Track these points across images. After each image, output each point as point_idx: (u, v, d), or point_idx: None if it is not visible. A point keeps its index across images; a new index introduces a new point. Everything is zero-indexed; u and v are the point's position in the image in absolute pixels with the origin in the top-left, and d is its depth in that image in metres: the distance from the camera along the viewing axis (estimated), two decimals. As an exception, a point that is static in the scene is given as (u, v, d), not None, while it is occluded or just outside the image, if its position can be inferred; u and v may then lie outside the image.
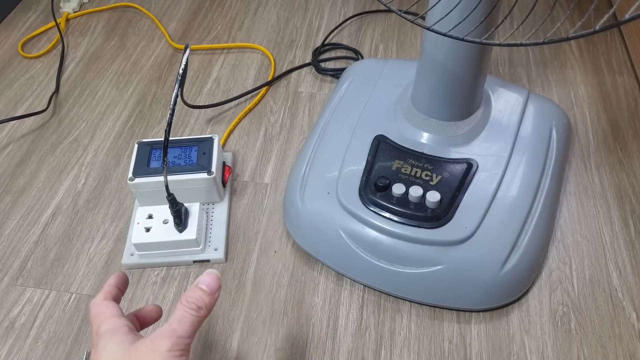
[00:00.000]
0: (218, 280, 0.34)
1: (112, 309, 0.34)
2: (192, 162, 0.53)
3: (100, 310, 0.34)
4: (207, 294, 0.33)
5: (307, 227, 0.51)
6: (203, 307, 0.33)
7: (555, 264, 0.51)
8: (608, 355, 0.45)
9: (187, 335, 0.31)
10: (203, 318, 0.33)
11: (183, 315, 0.32)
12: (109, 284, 0.37)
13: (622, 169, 0.58)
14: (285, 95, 0.69)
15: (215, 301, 0.34)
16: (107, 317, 0.33)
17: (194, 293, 0.33)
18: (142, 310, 0.39)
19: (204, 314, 0.33)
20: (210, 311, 0.33)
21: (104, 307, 0.34)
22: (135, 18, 0.83)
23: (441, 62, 0.47)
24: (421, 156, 0.50)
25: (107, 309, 0.34)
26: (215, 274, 0.34)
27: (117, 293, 0.37)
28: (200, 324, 0.33)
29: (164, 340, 0.30)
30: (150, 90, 0.71)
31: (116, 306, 0.35)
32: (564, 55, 0.71)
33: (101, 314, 0.34)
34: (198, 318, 0.32)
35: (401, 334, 0.47)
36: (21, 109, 0.70)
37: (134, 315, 0.38)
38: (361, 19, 0.80)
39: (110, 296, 0.36)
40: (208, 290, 0.33)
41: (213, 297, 0.34)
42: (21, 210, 0.58)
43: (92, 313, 0.35)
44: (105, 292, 0.36)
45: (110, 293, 0.36)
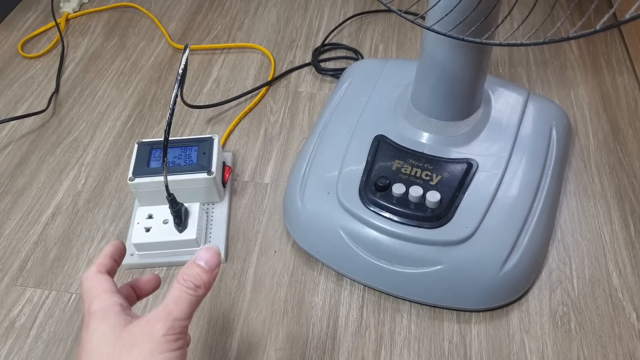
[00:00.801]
0: (218, 256, 0.31)
1: (105, 284, 0.31)
2: (192, 162, 0.53)
3: (93, 284, 0.31)
4: (205, 272, 0.30)
5: (307, 227, 0.51)
6: (201, 285, 0.30)
7: (555, 264, 0.51)
8: (608, 355, 0.45)
9: (184, 317, 0.29)
10: (201, 297, 0.30)
11: (179, 295, 0.29)
12: (104, 254, 0.34)
13: (622, 168, 0.58)
14: (285, 95, 0.69)
15: (214, 279, 0.31)
16: (99, 292, 0.31)
17: (191, 270, 0.30)
18: (139, 280, 0.36)
19: (202, 292, 0.30)
20: (208, 290, 0.30)
21: (97, 281, 0.31)
22: (135, 18, 0.83)
23: (441, 62, 0.47)
24: (421, 156, 0.50)
25: (100, 284, 0.31)
26: (214, 249, 0.31)
27: (113, 265, 0.34)
28: (198, 303, 0.30)
29: (159, 323, 0.28)
30: (150, 90, 0.71)
31: (110, 280, 0.32)
32: (564, 55, 0.71)
33: (93, 289, 0.31)
34: (196, 298, 0.30)
35: (401, 333, 0.47)
36: (21, 109, 0.70)
37: (130, 287, 0.35)
38: (361, 19, 0.80)
39: (104, 268, 0.33)
40: (207, 268, 0.30)
41: (212, 274, 0.31)
42: (21, 210, 0.58)
43: (84, 287, 0.32)
44: (99, 263, 0.33)
45: (104, 265, 0.33)
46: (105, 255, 0.34)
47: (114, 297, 0.31)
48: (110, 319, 0.29)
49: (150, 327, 0.28)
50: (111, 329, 0.29)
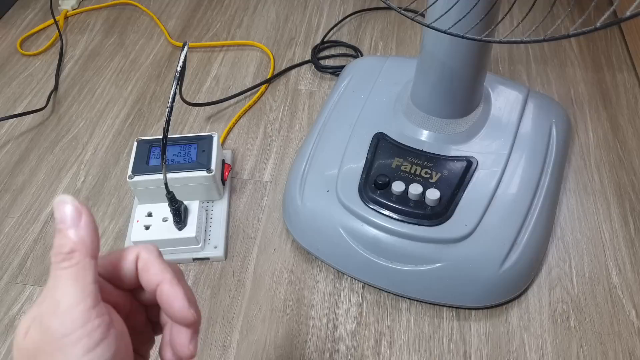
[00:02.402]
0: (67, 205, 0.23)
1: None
2: (191, 160, 0.53)
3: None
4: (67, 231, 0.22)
5: (307, 225, 0.51)
6: (74, 248, 0.22)
7: (554, 262, 0.51)
8: (607, 352, 0.45)
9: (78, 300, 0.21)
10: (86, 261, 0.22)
11: (55, 276, 0.22)
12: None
13: (621, 166, 0.58)
14: (285, 93, 0.69)
15: (89, 231, 0.23)
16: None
17: (55, 242, 0.23)
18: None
19: (80, 257, 0.22)
20: (91, 248, 0.22)
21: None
22: (134, 15, 0.83)
23: (441, 60, 0.47)
24: (421, 154, 0.50)
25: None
26: (61, 201, 0.23)
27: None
28: (89, 271, 0.22)
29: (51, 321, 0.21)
30: (149, 88, 0.71)
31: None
32: (563, 53, 0.71)
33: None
34: (77, 266, 0.22)
35: (401, 331, 0.47)
36: (20, 106, 0.70)
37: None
38: (361, 16, 0.80)
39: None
40: (66, 225, 0.22)
41: (79, 228, 0.22)
42: (20, 208, 0.58)
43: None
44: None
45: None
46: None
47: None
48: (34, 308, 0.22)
49: (44, 329, 0.21)
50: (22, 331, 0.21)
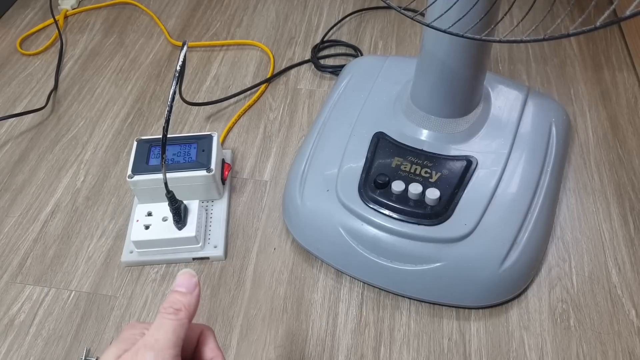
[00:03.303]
0: (192, 278, 0.32)
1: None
2: (191, 160, 0.53)
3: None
4: (183, 294, 0.31)
5: (307, 225, 0.51)
6: (182, 308, 0.30)
7: (554, 261, 0.51)
8: (607, 352, 0.45)
9: (171, 346, 0.28)
10: (185, 321, 0.30)
11: (161, 322, 0.29)
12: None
13: (621, 165, 0.58)
14: (285, 93, 0.69)
15: (196, 300, 0.32)
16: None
17: (170, 297, 0.31)
18: None
19: (184, 315, 0.30)
20: (192, 312, 0.31)
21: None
22: (134, 15, 0.83)
23: (441, 59, 0.47)
24: (421, 153, 0.50)
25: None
26: (188, 273, 0.32)
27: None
28: (184, 328, 0.30)
29: (148, 353, 0.28)
30: (149, 87, 0.71)
31: None
32: (563, 52, 0.71)
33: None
34: (179, 321, 0.30)
35: (400, 330, 0.47)
36: (20, 106, 0.70)
37: None
38: (360, 15, 0.80)
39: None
40: (184, 290, 0.31)
41: (191, 296, 0.31)
42: (20, 207, 0.58)
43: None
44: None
45: None
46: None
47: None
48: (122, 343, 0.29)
49: (140, 357, 0.28)
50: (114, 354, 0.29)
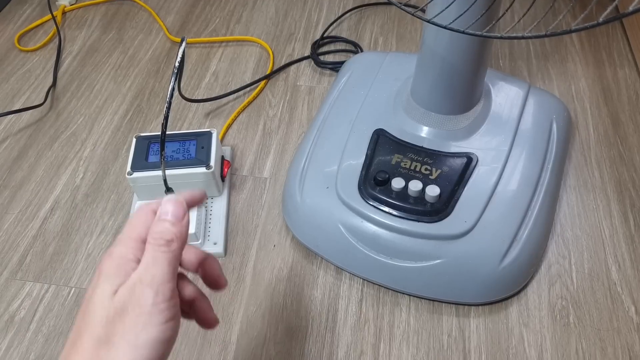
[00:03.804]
0: (182, 205, 0.29)
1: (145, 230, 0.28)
2: (190, 157, 0.53)
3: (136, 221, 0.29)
4: (173, 224, 0.28)
5: (306, 222, 0.50)
6: (173, 239, 0.28)
7: (554, 258, 0.51)
8: (606, 348, 0.45)
9: (168, 279, 0.27)
10: (178, 253, 0.28)
11: (156, 256, 0.27)
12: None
13: (622, 162, 0.58)
14: (284, 89, 0.69)
15: (186, 230, 0.29)
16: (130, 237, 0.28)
17: (159, 227, 0.28)
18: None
19: (176, 246, 0.28)
20: (182, 243, 0.28)
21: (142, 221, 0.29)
22: (133, 11, 0.82)
23: (441, 55, 0.46)
24: (421, 150, 0.50)
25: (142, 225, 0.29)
26: (176, 200, 0.29)
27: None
28: (177, 260, 0.28)
29: (146, 289, 0.26)
30: (148, 83, 0.71)
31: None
32: (565, 49, 0.71)
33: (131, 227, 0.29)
34: (172, 254, 0.27)
35: (400, 327, 0.47)
36: (18, 102, 0.70)
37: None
38: (360, 11, 0.79)
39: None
40: (173, 219, 0.28)
41: (181, 224, 0.29)
42: (19, 204, 0.58)
43: (131, 218, 0.30)
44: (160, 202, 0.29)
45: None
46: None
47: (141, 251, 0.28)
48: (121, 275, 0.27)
49: (137, 295, 0.26)
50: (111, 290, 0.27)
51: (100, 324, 0.26)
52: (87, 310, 0.27)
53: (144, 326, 0.25)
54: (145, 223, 0.29)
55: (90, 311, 0.26)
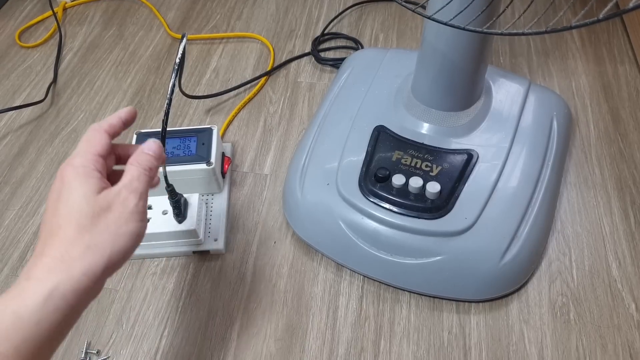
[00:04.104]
0: (161, 148, 0.37)
1: (102, 147, 0.34)
2: (191, 153, 0.53)
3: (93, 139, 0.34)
4: (154, 158, 0.36)
5: (307, 218, 0.50)
6: (153, 168, 0.35)
7: (555, 255, 0.51)
8: (607, 345, 0.45)
9: (145, 194, 0.34)
10: (152, 179, 0.35)
11: (139, 174, 0.34)
12: (118, 116, 0.36)
13: (622, 159, 0.58)
14: (285, 86, 0.69)
15: (159, 164, 0.36)
16: (92, 152, 0.34)
17: (143, 157, 0.35)
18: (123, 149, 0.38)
19: (153, 175, 0.35)
20: (155, 173, 0.36)
21: (98, 139, 0.34)
22: (133, 7, 0.82)
23: (442, 52, 0.46)
24: (421, 147, 0.50)
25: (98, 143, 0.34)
26: (158, 142, 0.37)
27: (119, 129, 0.36)
28: (149, 185, 0.35)
29: (131, 195, 0.33)
30: (148, 80, 0.71)
31: (108, 144, 0.35)
32: (565, 45, 0.71)
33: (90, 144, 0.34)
34: (149, 178, 0.35)
35: (400, 324, 0.47)
36: (19, 99, 0.70)
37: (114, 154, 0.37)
38: (361, 8, 0.79)
39: (111, 130, 0.36)
40: (154, 155, 0.36)
41: (158, 161, 0.36)
42: (20, 201, 0.58)
43: (86, 135, 0.35)
44: (110, 124, 0.36)
45: (113, 127, 0.36)
46: (119, 118, 0.36)
47: (99, 163, 0.34)
48: (91, 181, 0.32)
49: (123, 197, 0.32)
50: (91, 191, 0.32)
51: (86, 216, 0.31)
52: (64, 207, 0.31)
53: (126, 221, 0.32)
54: (101, 142, 0.34)
55: (69, 207, 0.31)
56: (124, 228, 0.32)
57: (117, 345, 0.47)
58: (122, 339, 0.47)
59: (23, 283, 0.29)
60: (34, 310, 0.28)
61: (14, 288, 0.29)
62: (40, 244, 0.31)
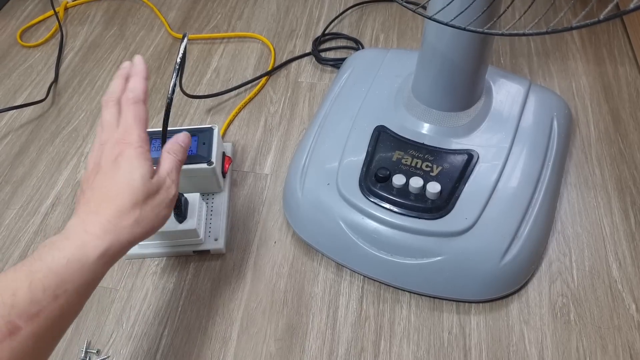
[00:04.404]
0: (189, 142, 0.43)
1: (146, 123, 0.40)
2: (191, 153, 0.53)
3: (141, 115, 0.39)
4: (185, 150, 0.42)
5: (307, 218, 0.50)
6: (183, 160, 0.41)
7: (555, 255, 0.51)
8: (607, 346, 0.45)
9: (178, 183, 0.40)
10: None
11: (176, 165, 0.40)
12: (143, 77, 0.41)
13: (623, 160, 0.58)
14: (285, 85, 0.69)
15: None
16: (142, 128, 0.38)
17: (177, 148, 0.41)
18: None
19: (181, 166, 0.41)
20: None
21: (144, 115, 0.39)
22: (135, 7, 0.82)
23: (442, 52, 0.46)
24: (422, 147, 0.50)
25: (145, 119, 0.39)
26: (188, 135, 0.43)
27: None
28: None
29: (172, 184, 0.39)
30: (149, 80, 0.71)
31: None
32: (565, 46, 0.71)
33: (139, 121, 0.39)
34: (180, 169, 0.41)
35: (401, 324, 0.47)
36: (20, 98, 0.70)
37: None
38: (362, 8, 0.79)
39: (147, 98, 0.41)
40: (186, 148, 0.42)
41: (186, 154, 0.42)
42: (21, 200, 0.58)
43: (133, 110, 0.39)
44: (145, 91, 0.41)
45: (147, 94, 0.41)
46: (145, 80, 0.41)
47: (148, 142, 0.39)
48: (148, 164, 0.37)
49: (167, 185, 0.38)
50: (147, 173, 0.37)
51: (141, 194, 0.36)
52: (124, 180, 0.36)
53: (166, 206, 0.38)
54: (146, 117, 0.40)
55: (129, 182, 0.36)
56: (163, 212, 0.38)
57: (117, 345, 0.47)
58: (122, 339, 0.47)
59: (82, 235, 0.34)
60: (93, 262, 0.33)
61: (74, 235, 0.34)
62: (93, 202, 0.35)
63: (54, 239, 0.34)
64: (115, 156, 0.37)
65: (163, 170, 0.39)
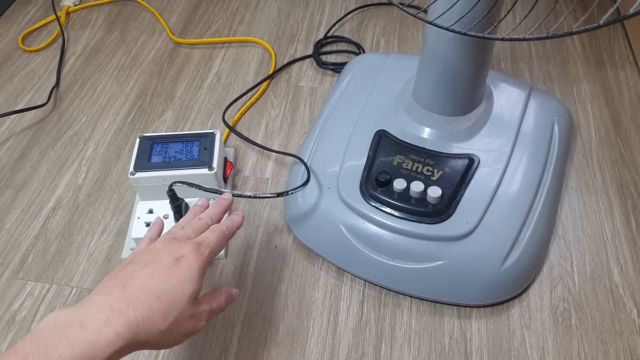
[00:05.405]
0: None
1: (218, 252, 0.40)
2: (193, 157, 0.53)
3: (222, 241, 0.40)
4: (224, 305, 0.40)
5: (308, 222, 0.50)
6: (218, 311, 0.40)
7: (556, 260, 0.51)
8: (608, 351, 0.45)
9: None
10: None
11: (213, 311, 0.38)
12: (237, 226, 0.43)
13: (624, 164, 0.58)
14: (286, 90, 0.69)
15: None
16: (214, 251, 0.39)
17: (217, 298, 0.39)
18: None
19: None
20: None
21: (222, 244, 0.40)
22: (136, 12, 0.83)
23: (443, 57, 0.46)
24: (422, 151, 0.50)
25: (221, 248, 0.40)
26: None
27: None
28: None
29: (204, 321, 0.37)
30: (150, 84, 0.71)
31: None
32: (566, 51, 0.71)
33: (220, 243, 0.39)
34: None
35: (402, 329, 0.47)
36: (21, 102, 0.70)
37: None
38: (363, 12, 0.79)
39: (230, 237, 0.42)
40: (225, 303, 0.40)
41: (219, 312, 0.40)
42: (22, 204, 0.58)
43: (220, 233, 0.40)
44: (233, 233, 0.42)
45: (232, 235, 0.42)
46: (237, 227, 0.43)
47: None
48: (200, 283, 0.36)
49: (199, 317, 0.37)
50: (196, 293, 0.36)
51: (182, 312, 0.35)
52: (175, 288, 0.35)
53: (185, 335, 0.36)
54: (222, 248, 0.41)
55: (179, 294, 0.35)
56: (181, 338, 0.36)
57: (118, 349, 0.47)
58: (122, 343, 0.47)
59: (102, 328, 0.31)
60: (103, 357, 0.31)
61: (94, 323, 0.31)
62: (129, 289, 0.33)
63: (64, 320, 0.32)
64: (181, 255, 0.36)
65: (208, 303, 0.38)
